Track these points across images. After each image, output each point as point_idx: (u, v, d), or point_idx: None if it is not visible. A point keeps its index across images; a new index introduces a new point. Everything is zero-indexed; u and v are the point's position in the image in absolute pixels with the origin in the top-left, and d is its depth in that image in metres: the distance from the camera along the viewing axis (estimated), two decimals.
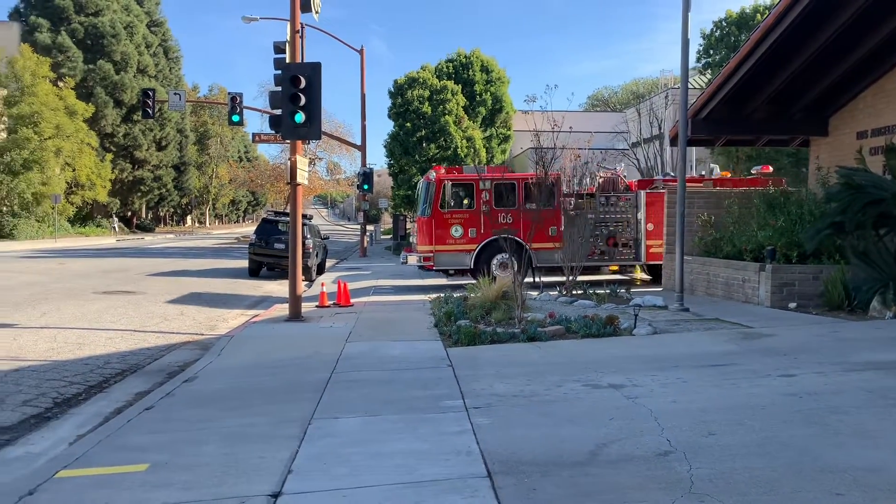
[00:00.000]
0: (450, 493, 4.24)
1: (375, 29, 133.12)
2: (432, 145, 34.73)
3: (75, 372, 8.31)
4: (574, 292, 14.00)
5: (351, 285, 15.36)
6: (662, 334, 9.45)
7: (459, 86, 36.22)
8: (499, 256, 16.51)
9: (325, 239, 25.28)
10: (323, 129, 12.22)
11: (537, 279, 16.55)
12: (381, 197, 59.98)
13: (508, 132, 38.80)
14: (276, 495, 4.29)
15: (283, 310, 12.85)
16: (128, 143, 58.10)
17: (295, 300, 12.08)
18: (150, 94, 28.87)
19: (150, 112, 28.84)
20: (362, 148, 35.60)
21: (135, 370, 8.64)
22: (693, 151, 27.95)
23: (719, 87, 14.29)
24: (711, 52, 33.42)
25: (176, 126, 63.93)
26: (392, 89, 36.62)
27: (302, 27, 13.37)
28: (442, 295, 13.22)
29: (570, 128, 12.64)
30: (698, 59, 34.62)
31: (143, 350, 9.86)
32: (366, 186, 33.19)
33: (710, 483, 4.17)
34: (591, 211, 16.90)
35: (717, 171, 19.52)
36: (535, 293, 14.17)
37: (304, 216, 21.56)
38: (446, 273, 17.33)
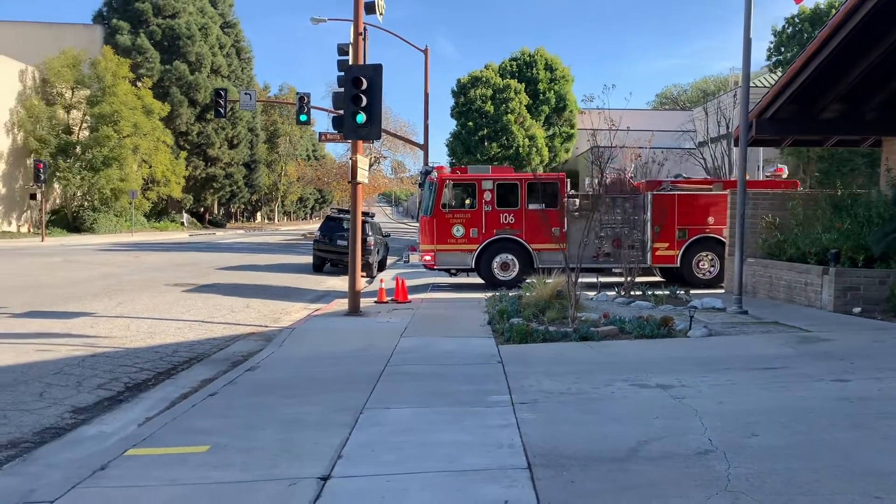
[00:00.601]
0: (489, 483, 4.40)
1: (442, 28, 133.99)
2: (494, 144, 34.86)
3: (146, 359, 8.80)
4: (632, 293, 13.94)
5: (409, 282, 15.65)
6: (717, 336, 9.37)
7: (522, 84, 36.23)
8: (500, 256, 16.57)
9: (386, 236, 25.71)
10: (387, 128, 12.52)
11: (597, 279, 16.49)
12: None
13: (572, 130, 38.59)
14: (325, 478, 4.53)
15: (343, 304, 13.22)
16: (201, 142, 60.13)
17: (354, 295, 12.42)
18: (223, 93, 29.84)
19: (223, 111, 29.79)
20: (425, 147, 35.93)
21: (201, 359, 9.09)
22: (760, 152, 27.28)
23: (785, 85, 13.97)
24: (783, 49, 32.50)
25: (247, 125, 65.79)
26: (455, 88, 36.89)
27: (365, 29, 13.70)
28: (497, 293, 13.36)
29: (628, 127, 12.54)
30: (768, 57, 33.73)
31: (209, 340, 10.34)
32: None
33: (746, 482, 4.21)
34: (596, 212, 16.73)
35: (786, 172, 19.01)
36: (592, 293, 14.15)
37: (366, 214, 22.02)
38: (448, 272, 17.49)
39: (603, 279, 16.57)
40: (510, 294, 13.07)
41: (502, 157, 34.62)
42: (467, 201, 16.89)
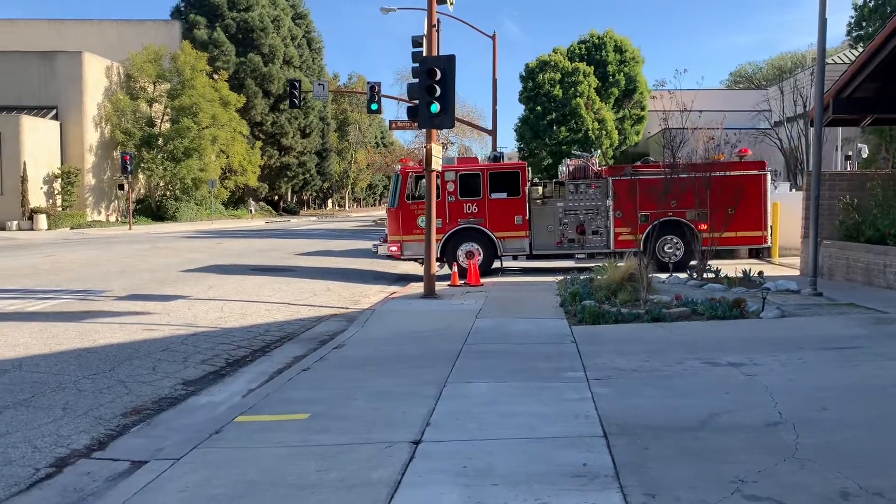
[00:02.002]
0: (567, 448, 4.77)
1: (509, 11, 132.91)
2: (563, 128, 34.80)
3: (241, 338, 9.48)
4: (705, 275, 13.97)
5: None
6: (790, 318, 9.44)
7: (591, 67, 35.98)
8: (465, 245, 16.78)
9: None
10: (456, 115, 12.81)
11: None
12: None
13: (642, 113, 38.12)
14: (416, 442, 4.98)
15: (418, 287, 13.72)
16: (275, 131, 61.88)
17: (429, 279, 12.90)
18: (296, 84, 30.76)
19: (296, 101, 30.71)
20: (493, 132, 36.15)
21: (291, 337, 9.72)
22: (839, 131, 26.47)
23: (865, 62, 13.66)
24: (864, 24, 31.29)
25: (318, 114, 67.28)
26: (523, 73, 36.93)
27: (439, 21, 14.08)
28: (569, 276, 13.62)
29: (700, 111, 12.55)
30: (848, 32, 32.52)
31: (296, 320, 11.00)
32: None
33: (813, 450, 4.46)
34: (561, 199, 17.05)
35: (866, 151, 18.54)
36: (663, 276, 14.25)
37: None
38: (417, 261, 17.65)
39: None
40: (582, 277, 13.31)
41: (571, 140, 34.54)
42: None
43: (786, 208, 17.41)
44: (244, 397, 6.64)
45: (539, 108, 35.28)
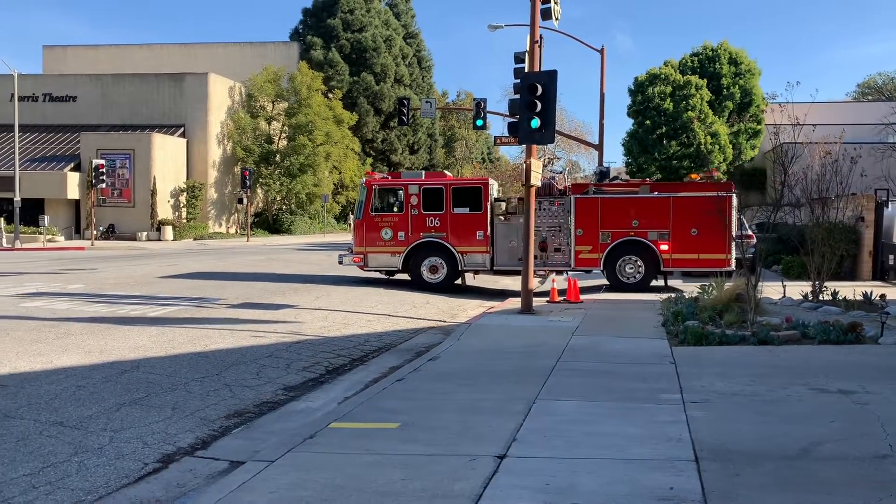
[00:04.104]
0: (655, 471, 4.65)
1: (619, 24, 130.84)
2: (673, 142, 33.87)
3: (341, 346, 9.79)
4: (820, 297, 13.22)
5: (582, 283, 15.84)
6: None
7: (704, 80, 34.87)
8: (429, 260, 16.75)
9: None
10: (561, 129, 12.83)
11: (783, 282, 15.77)
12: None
13: (758, 126, 36.54)
14: (501, 457, 5.00)
15: (516, 303, 13.69)
16: (385, 148, 63.48)
17: (527, 294, 12.86)
18: (406, 102, 31.48)
19: (406, 119, 31.40)
20: (600, 147, 35.64)
21: (388, 348, 9.95)
22: None
23: None
24: None
25: (427, 131, 68.49)
26: (632, 87, 36.26)
27: (541, 37, 14.11)
28: (672, 295, 13.23)
29: (813, 125, 11.92)
30: None
31: (395, 331, 11.24)
32: None
33: None
34: (523, 216, 16.51)
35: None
36: (776, 297, 13.59)
37: None
38: (381, 273, 17.77)
39: (795, 283, 15.77)
40: (686, 296, 12.91)
41: (682, 155, 33.56)
42: (395, 206, 17.19)
43: None
44: (340, 404, 6.86)
45: (648, 121, 34.50)
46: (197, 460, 5.33)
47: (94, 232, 37.99)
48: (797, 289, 13.87)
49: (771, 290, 13.48)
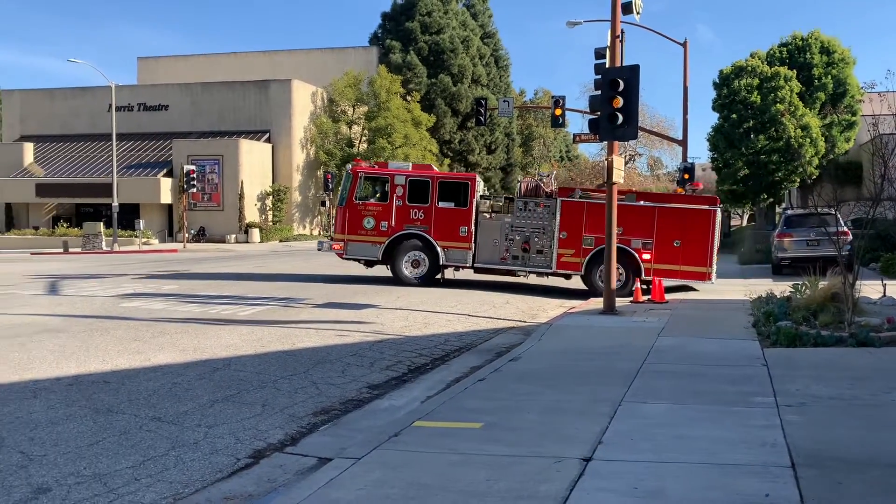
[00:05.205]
0: (749, 476, 4.49)
1: (700, 16, 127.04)
2: (761, 136, 32.61)
3: (423, 346, 9.87)
4: None
5: (667, 282, 15.47)
6: None
7: (794, 71, 33.42)
8: (411, 254, 16.71)
9: None
10: (643, 125, 12.64)
11: (883, 281, 14.98)
12: (705, 192, 57.63)
13: (853, 118, 34.78)
14: (587, 459, 4.92)
15: (598, 303, 13.49)
16: (462, 149, 63.66)
17: (609, 294, 12.64)
18: (483, 102, 31.52)
19: (483, 119, 31.45)
20: (683, 142, 34.78)
21: (468, 348, 9.97)
22: None
23: None
24: None
25: (504, 130, 68.30)
26: (717, 80, 35.13)
27: (622, 32, 13.85)
28: (763, 295, 12.74)
29: None
30: None
31: (475, 331, 11.25)
32: (687, 181, 32.36)
33: None
34: (509, 214, 16.60)
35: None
36: (875, 296, 12.90)
37: None
38: (360, 262, 17.63)
39: None
40: (778, 296, 12.42)
41: (770, 150, 32.25)
42: (380, 195, 16.98)
43: None
44: (423, 403, 6.91)
45: (734, 115, 33.33)
46: (286, 456, 5.47)
47: (186, 235, 39.66)
48: None
49: (869, 289, 12.82)
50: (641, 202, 16.24)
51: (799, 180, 33.79)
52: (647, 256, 15.67)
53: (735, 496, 4.18)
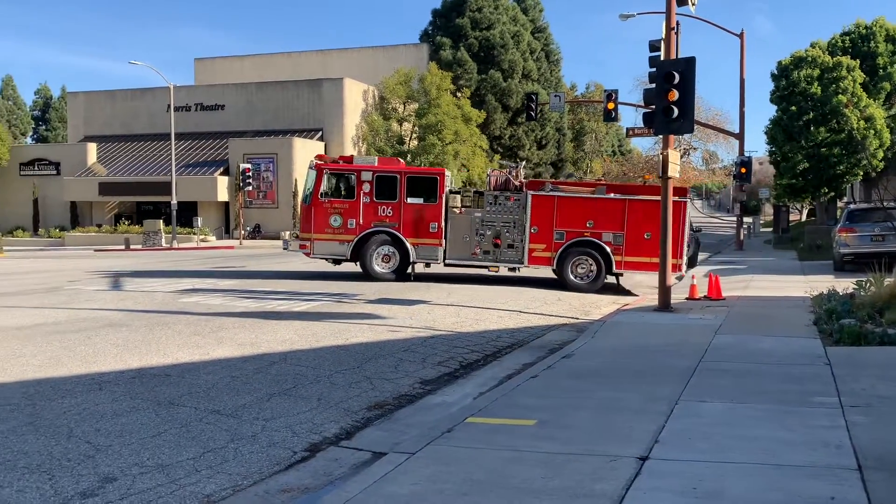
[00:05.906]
0: (812, 478, 4.37)
1: (757, 6, 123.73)
2: (822, 129, 31.62)
3: (474, 342, 9.87)
4: None
5: (723, 279, 15.15)
6: None
7: (857, 61, 32.32)
8: (382, 248, 16.40)
9: (697, 231, 24.86)
10: (698, 118, 12.42)
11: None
12: (762, 187, 56.24)
13: None
14: (643, 458, 4.86)
15: (652, 300, 13.29)
16: (512, 144, 63.36)
17: (664, 291, 12.43)
18: (534, 97, 31.31)
19: (533, 114, 31.27)
20: (740, 136, 34.01)
21: (521, 344, 9.93)
22: None
23: None
24: None
25: (555, 125, 67.75)
26: (775, 71, 34.21)
27: (678, 23, 13.58)
28: (825, 291, 12.37)
29: None
30: None
31: (526, 328, 11.20)
32: (743, 176, 31.61)
33: None
34: (480, 209, 16.17)
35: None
36: None
37: None
38: (327, 260, 17.26)
39: None
40: (841, 293, 12.04)
41: (831, 142, 31.24)
42: (346, 192, 16.52)
43: None
44: (475, 399, 6.91)
45: (793, 107, 32.39)
46: (341, 450, 5.54)
47: (242, 232, 40.46)
48: None
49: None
50: (612, 195, 15.98)
51: (862, 174, 32.68)
52: (618, 249, 15.55)
53: (797, 498, 4.07)
